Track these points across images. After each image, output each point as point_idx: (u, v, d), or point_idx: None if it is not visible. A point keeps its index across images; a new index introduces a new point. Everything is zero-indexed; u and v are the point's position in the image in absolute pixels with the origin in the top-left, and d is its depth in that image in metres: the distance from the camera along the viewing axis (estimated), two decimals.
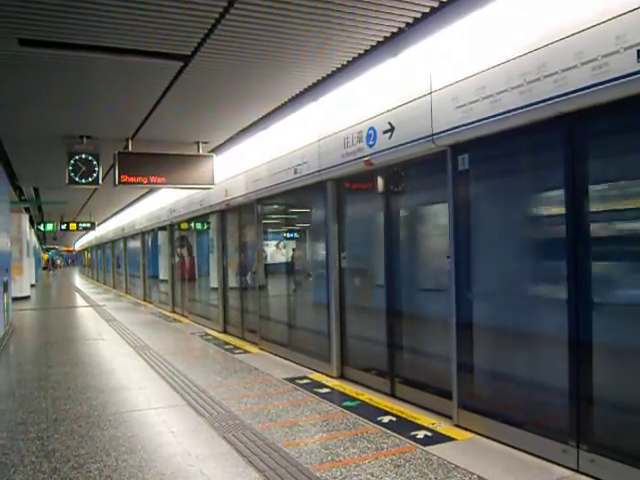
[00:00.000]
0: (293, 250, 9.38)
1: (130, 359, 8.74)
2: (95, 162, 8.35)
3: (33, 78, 5.83)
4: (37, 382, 7.24)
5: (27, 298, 20.80)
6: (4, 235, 11.88)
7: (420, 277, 6.12)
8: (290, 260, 9.28)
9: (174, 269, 16.02)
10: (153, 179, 8.43)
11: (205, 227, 13.53)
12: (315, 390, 6.46)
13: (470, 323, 4.98)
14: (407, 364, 6.13)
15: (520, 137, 4.43)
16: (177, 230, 15.64)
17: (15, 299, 15.26)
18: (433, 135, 5.07)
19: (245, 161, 9.42)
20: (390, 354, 6.23)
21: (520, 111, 4.16)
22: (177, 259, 15.75)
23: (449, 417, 5.17)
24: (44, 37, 4.76)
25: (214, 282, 12.24)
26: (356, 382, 6.75)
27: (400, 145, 5.50)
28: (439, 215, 5.70)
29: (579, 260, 3.98)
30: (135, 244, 22.54)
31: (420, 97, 5.21)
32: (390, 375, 6.22)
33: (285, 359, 8.34)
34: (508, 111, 4.26)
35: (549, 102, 3.93)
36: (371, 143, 5.96)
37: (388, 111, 5.68)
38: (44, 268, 61.93)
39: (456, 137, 4.85)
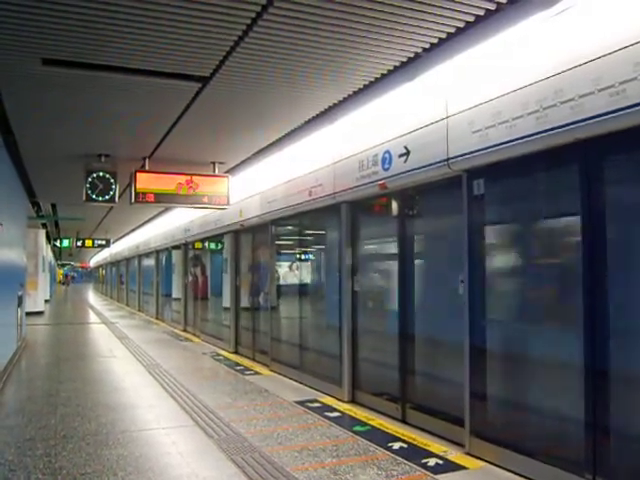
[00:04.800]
0: (306, 272, 9.36)
1: (141, 377, 8.72)
2: (112, 180, 8.42)
3: (55, 97, 5.91)
4: (47, 398, 7.24)
5: (41, 313, 20.87)
6: (20, 250, 11.97)
7: (433, 301, 6.06)
8: (303, 282, 9.25)
9: (187, 288, 16.04)
10: (168, 198, 8.49)
11: (219, 247, 13.57)
12: (325, 414, 6.39)
13: (484, 349, 4.92)
14: (419, 390, 6.06)
15: (536, 163, 4.41)
16: (191, 249, 15.69)
17: (29, 314, 15.32)
18: (448, 159, 5.06)
19: (260, 182, 9.46)
20: (402, 379, 6.16)
21: (536, 137, 4.15)
22: (190, 278, 15.78)
23: (461, 445, 5.09)
24: (67, 57, 4.84)
25: (226, 302, 12.23)
26: (367, 407, 6.68)
27: (415, 169, 5.50)
28: (452, 239, 5.67)
29: (595, 286, 3.92)
30: (149, 262, 22.64)
31: (436, 121, 5.22)
32: (401, 400, 6.14)
33: (296, 381, 8.27)
34: (524, 137, 4.25)
35: (565, 128, 3.91)
36: (386, 166, 5.96)
37: (404, 135, 5.68)
38: (62, 283, 62.71)
39: (471, 162, 4.84)
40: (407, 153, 5.62)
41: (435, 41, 4.52)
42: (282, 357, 9.16)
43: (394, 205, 6.37)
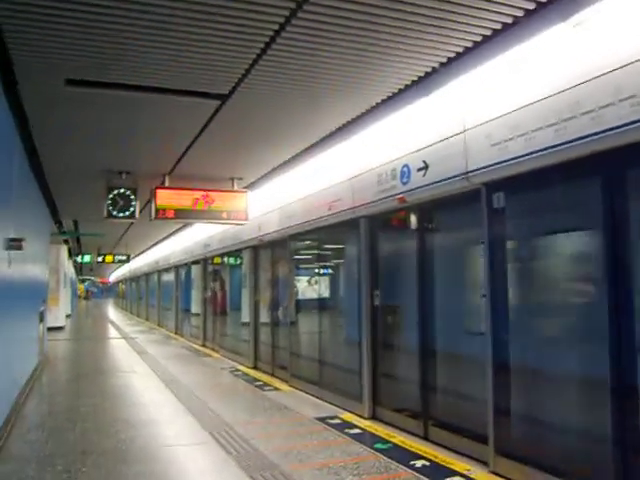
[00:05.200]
0: (325, 286, 9.35)
1: (160, 393, 8.74)
2: (133, 196, 8.50)
3: (77, 115, 6.00)
4: (67, 413, 7.28)
5: (62, 328, 21.05)
6: (43, 266, 12.11)
7: (453, 316, 6.02)
8: (322, 296, 9.24)
9: (206, 303, 16.10)
10: (188, 214, 8.56)
11: (238, 262, 13.61)
12: (346, 431, 6.35)
13: (507, 365, 4.86)
14: (441, 406, 5.99)
15: (557, 175, 4.37)
16: (210, 264, 15.76)
17: (50, 329, 15.47)
18: (467, 173, 5.04)
19: (279, 197, 9.49)
20: (423, 395, 6.10)
21: (555, 149, 4.12)
22: (209, 293, 15.84)
23: (485, 463, 5.01)
24: (89, 77, 4.92)
25: (245, 317, 12.24)
26: (388, 423, 6.62)
27: (434, 183, 5.49)
28: (473, 253, 5.64)
29: (620, 300, 3.86)
30: (168, 277, 22.76)
31: (454, 135, 5.21)
32: (423, 417, 6.08)
33: (315, 397, 8.23)
34: (543, 149, 4.22)
35: (585, 140, 3.88)
36: (405, 180, 5.96)
37: (422, 149, 5.68)
38: (83, 298, 63.53)
39: (490, 175, 4.82)
40: (426, 167, 5.61)
41: (452, 55, 4.52)
42: (301, 373, 9.13)
43: (413, 219, 6.36)
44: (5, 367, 6.44)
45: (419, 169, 5.71)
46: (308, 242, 9.55)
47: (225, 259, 14.53)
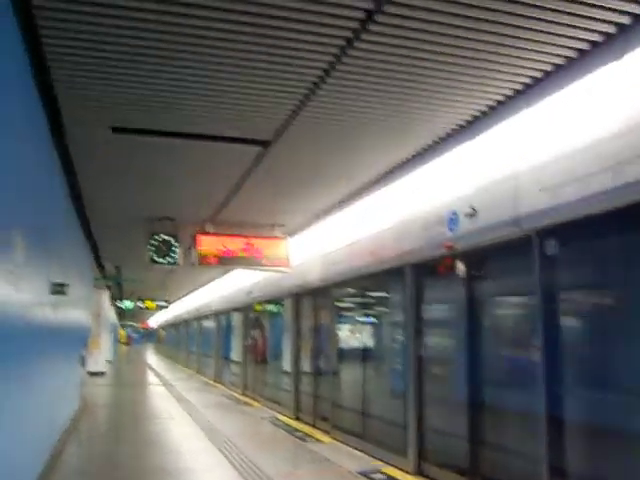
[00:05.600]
0: (368, 335, 9.20)
1: (199, 441, 8.63)
2: (175, 242, 8.60)
3: (121, 161, 6.15)
4: (106, 459, 7.26)
5: (102, 374, 21.21)
6: (85, 310, 12.30)
7: (504, 368, 5.81)
8: (365, 346, 9.08)
9: (246, 351, 16.02)
10: (230, 261, 8.59)
11: (279, 309, 13.56)
12: None
13: (563, 420, 4.63)
14: (491, 463, 5.73)
15: (614, 221, 4.22)
16: (251, 311, 15.75)
17: (91, 374, 15.59)
18: (518, 219, 4.92)
19: (321, 244, 9.47)
20: (472, 451, 5.86)
21: (612, 194, 3.98)
22: (250, 341, 15.78)
23: None
24: (135, 125, 5.05)
25: (286, 365, 12.11)
26: (434, 479, 6.37)
27: (483, 229, 5.37)
28: (524, 303, 5.47)
29: None
30: (209, 324, 22.83)
31: (504, 180, 5.11)
32: (471, 474, 5.81)
33: (358, 450, 7.99)
34: (599, 194, 4.09)
35: None
36: (452, 227, 5.86)
37: (470, 194, 5.59)
38: (125, 344, 64.29)
39: (542, 221, 4.69)
40: (474, 213, 5.51)
41: (502, 99, 4.49)
42: (344, 424, 8.92)
43: (460, 266, 6.21)
44: (46, 411, 6.46)
45: (467, 215, 5.61)
46: (351, 290, 9.45)
47: (266, 306, 14.50)
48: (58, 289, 6.20)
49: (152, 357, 43.57)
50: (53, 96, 4.45)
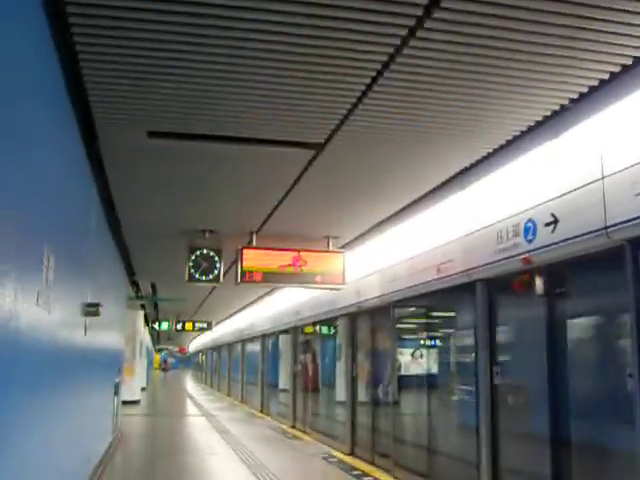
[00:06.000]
0: (433, 361, 9.10)
1: (244, 479, 8.66)
2: (217, 258, 8.70)
3: (158, 170, 6.26)
4: None
5: (137, 402, 21.56)
6: (119, 333, 12.53)
7: (593, 399, 5.65)
8: (429, 372, 8.98)
9: (296, 378, 16.05)
10: (277, 278, 8.63)
11: (332, 331, 13.55)
12: None
13: None
14: None
15: None
16: (301, 334, 15.78)
17: (125, 403, 15.87)
18: (607, 228, 4.79)
19: (380, 258, 9.43)
20: None
21: None
22: (299, 367, 15.81)
23: None
24: (173, 129, 5.13)
25: (340, 395, 12.07)
26: None
27: (565, 240, 5.25)
28: (615, 322, 5.32)
29: None
30: (253, 347, 22.98)
31: (589, 183, 4.99)
32: None
33: None
34: None
35: None
36: (530, 238, 5.75)
37: (550, 200, 5.48)
38: (162, 369, 65.42)
39: (636, 229, 4.55)
40: (555, 222, 5.40)
41: (585, 90, 4.39)
42: (407, 462, 8.82)
43: (539, 282, 6.10)
44: (78, 444, 6.59)
45: (547, 224, 5.50)
46: (413, 309, 9.37)
47: (318, 328, 14.51)
48: (91, 310, 6.34)
49: (191, 384, 44.11)
50: (84, 99, 4.56)
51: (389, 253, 9.08)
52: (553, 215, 5.43)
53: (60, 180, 4.57)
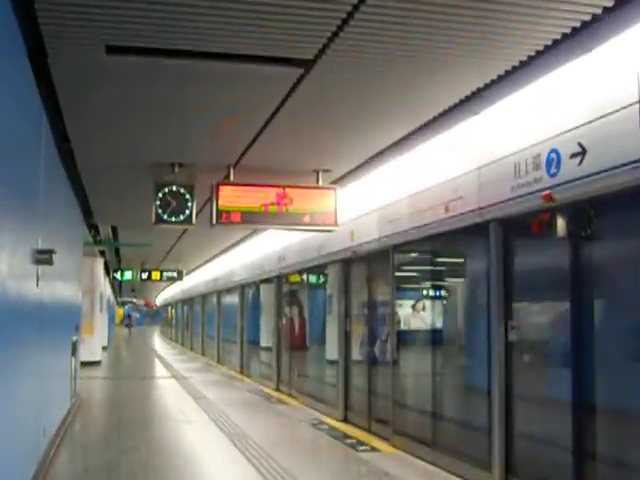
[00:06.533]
0: (437, 314, 9.21)
1: (223, 450, 8.85)
2: (188, 196, 8.65)
3: (119, 92, 6.16)
4: (108, 473, 7.45)
5: (97, 363, 21.75)
6: (75, 284, 12.50)
7: (623, 356, 5.75)
8: (433, 327, 9.09)
9: (280, 334, 16.20)
10: (259, 218, 8.63)
11: (321, 281, 13.63)
12: None
13: None
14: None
15: None
16: (285, 283, 15.87)
17: (84, 364, 15.99)
18: None
19: (378, 196, 9.44)
20: (577, 466, 5.86)
21: None
22: (284, 321, 15.94)
23: None
24: (136, 43, 5.02)
25: (331, 353, 12.22)
26: None
27: (596, 173, 5.27)
28: None
29: None
30: (231, 300, 23.14)
31: (624, 107, 4.99)
32: None
33: (428, 462, 8.07)
34: None
35: None
36: (553, 171, 5.76)
37: (577, 128, 5.48)
38: (125, 325, 66.04)
39: None
40: (582, 152, 5.41)
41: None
42: (408, 429, 9.00)
43: (562, 223, 6.14)
44: (32, 412, 6.66)
45: (573, 155, 5.51)
46: (416, 254, 9.42)
47: (305, 277, 14.58)
48: (43, 258, 6.30)
49: (159, 342, 44.56)
50: (29, 6, 4.45)
51: (389, 189, 9.08)
52: (580, 145, 5.43)
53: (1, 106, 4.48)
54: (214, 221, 8.50)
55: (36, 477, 6.71)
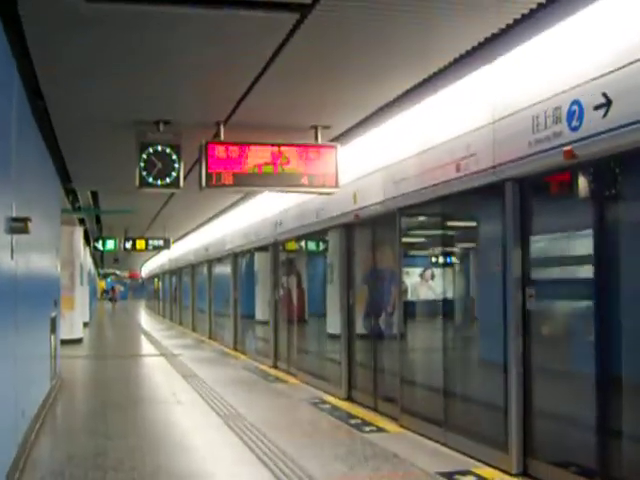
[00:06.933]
0: (448, 282, 9.22)
1: (217, 433, 8.91)
2: (175, 156, 8.61)
3: (97, 43, 6.13)
4: (93, 459, 7.47)
5: (79, 341, 21.83)
6: (53, 255, 12.47)
7: None
8: (444, 297, 9.10)
9: (277, 307, 16.23)
10: (253, 180, 8.60)
11: (321, 248, 13.63)
12: None
13: None
14: (628, 462, 5.78)
15: None
16: (282, 252, 15.87)
17: (64, 342, 16.05)
18: None
19: (383, 154, 9.40)
20: (601, 445, 5.90)
21: None
22: (281, 292, 15.96)
23: None
24: None
25: (333, 326, 12.25)
26: None
27: (621, 127, 5.24)
28: None
29: None
30: (223, 270, 23.16)
31: None
32: (600, 477, 5.88)
33: (438, 443, 8.14)
34: None
35: None
36: (574, 125, 5.73)
37: (601, 76, 5.44)
38: (109, 299, 66.29)
39: None
40: (607, 104, 5.37)
41: None
42: (417, 407, 9.06)
43: (585, 182, 6.14)
44: (10, 395, 6.68)
45: (597, 107, 5.47)
46: (424, 218, 9.41)
47: (303, 244, 14.58)
48: (18, 226, 6.29)
49: (145, 317, 44.71)
50: None
51: (394, 147, 9.05)
52: (605, 95, 5.39)
53: None
54: (203, 184, 8.49)
55: (16, 463, 6.76)
